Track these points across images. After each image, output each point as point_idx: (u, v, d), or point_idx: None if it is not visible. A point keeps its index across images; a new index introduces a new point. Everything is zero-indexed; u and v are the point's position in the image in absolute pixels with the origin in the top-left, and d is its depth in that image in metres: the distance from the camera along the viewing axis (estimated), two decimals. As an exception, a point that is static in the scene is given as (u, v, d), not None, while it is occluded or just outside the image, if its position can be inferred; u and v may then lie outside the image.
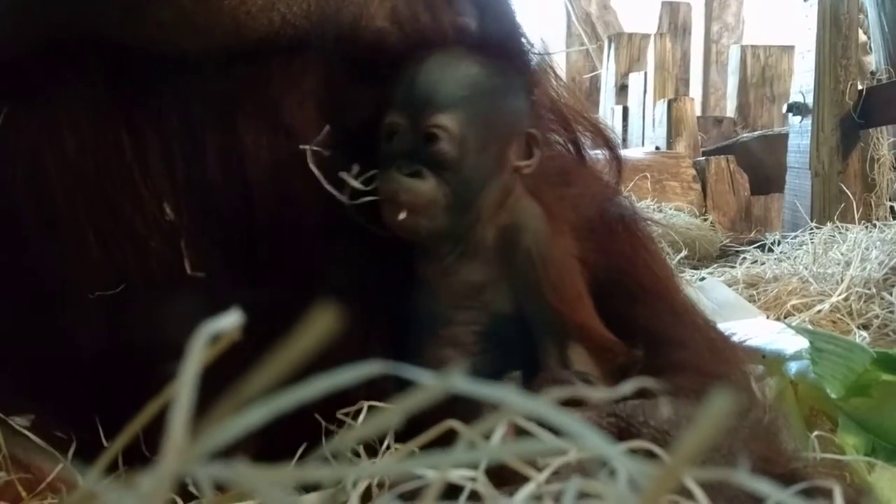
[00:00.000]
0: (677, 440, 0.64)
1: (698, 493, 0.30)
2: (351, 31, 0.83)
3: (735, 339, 1.08)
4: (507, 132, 0.87)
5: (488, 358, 0.87)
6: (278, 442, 0.81)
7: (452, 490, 0.42)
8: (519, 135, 0.88)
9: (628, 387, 0.31)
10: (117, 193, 0.81)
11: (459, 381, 0.24)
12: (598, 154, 1.07)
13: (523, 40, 1.11)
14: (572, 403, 0.73)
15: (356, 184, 0.82)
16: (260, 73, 0.82)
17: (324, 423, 0.78)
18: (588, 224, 0.94)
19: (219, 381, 0.32)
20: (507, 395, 0.26)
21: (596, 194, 0.99)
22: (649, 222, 1.08)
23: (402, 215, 0.81)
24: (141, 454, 0.76)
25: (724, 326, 1.15)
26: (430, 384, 0.24)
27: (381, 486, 0.63)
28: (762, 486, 0.25)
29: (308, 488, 0.74)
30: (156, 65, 0.78)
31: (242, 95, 0.82)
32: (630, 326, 0.89)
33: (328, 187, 0.81)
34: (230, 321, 0.27)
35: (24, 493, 0.81)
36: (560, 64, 5.69)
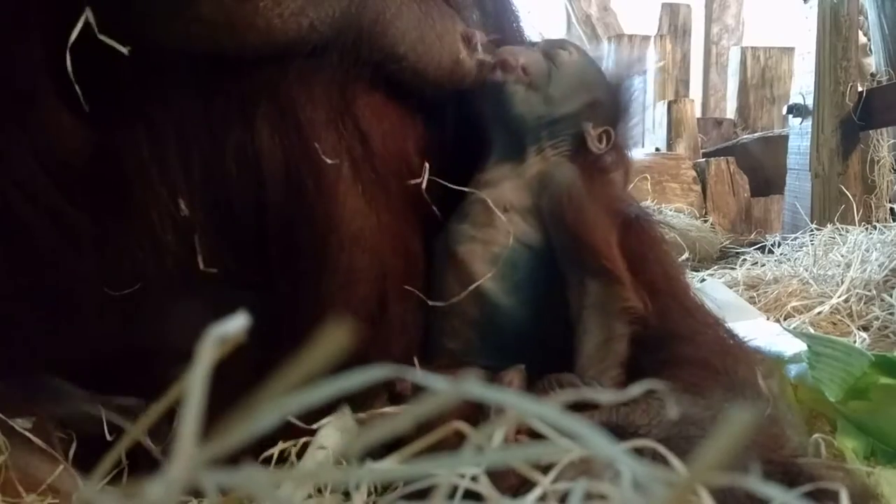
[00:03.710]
0: (691, 446, 0.65)
1: (706, 497, 0.30)
2: (368, 36, 0.86)
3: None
4: (598, 105, 1.02)
5: (504, 287, 0.93)
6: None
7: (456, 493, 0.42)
8: (602, 121, 1.02)
9: (636, 389, 0.31)
10: (134, 188, 0.82)
11: (470, 386, 0.24)
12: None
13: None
14: (580, 407, 0.75)
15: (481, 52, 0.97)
16: (279, 75, 0.84)
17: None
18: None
19: (227, 377, 0.32)
20: (513, 397, 0.26)
21: (608, 195, 1.00)
22: (660, 223, 1.10)
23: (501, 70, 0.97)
24: (144, 450, 0.76)
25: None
26: (441, 389, 0.24)
27: (386, 487, 0.63)
28: (770, 489, 0.25)
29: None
30: (180, 63, 0.79)
31: (262, 96, 0.83)
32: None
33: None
34: (237, 324, 0.27)
35: (24, 494, 0.81)
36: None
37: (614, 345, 0.87)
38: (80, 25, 0.72)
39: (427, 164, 0.95)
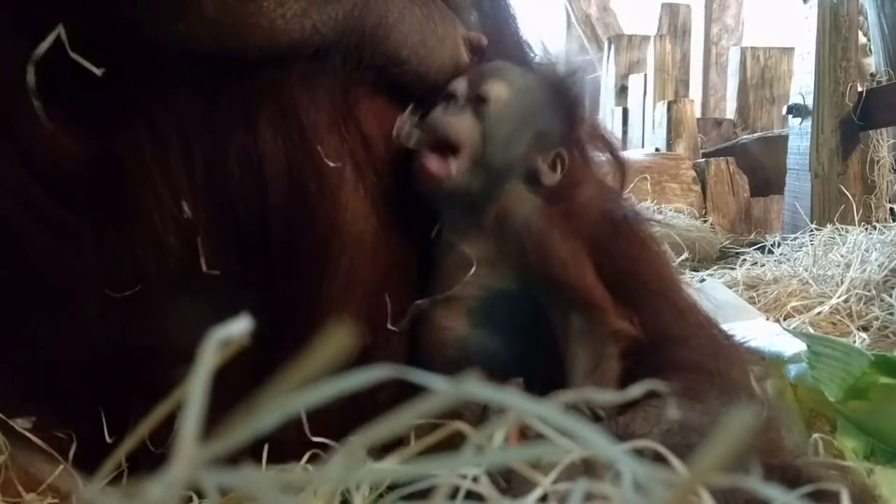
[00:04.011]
0: (693, 449, 0.65)
1: (706, 498, 0.30)
2: (371, 39, 0.86)
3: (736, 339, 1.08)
4: (543, 135, 0.94)
5: (485, 334, 0.92)
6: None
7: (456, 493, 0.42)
8: (551, 146, 0.95)
9: (636, 390, 0.31)
10: (136, 189, 0.82)
11: (471, 386, 0.24)
12: (601, 157, 1.09)
13: (525, 46, 1.12)
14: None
15: (409, 127, 0.91)
16: (282, 77, 0.84)
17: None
18: (593, 226, 0.95)
19: (226, 378, 0.32)
20: (515, 399, 0.26)
21: (600, 197, 1.00)
22: (652, 223, 1.09)
23: (434, 158, 0.89)
24: (144, 447, 0.76)
25: (723, 328, 1.15)
26: (441, 389, 0.24)
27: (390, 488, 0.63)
28: (770, 490, 0.25)
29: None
30: (182, 64, 0.79)
31: (265, 99, 0.84)
32: (634, 326, 0.91)
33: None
34: (240, 326, 0.27)
35: (24, 493, 0.82)
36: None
37: (605, 365, 0.86)
38: (49, 41, 0.73)
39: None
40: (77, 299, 0.85)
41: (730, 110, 5.56)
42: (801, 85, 3.03)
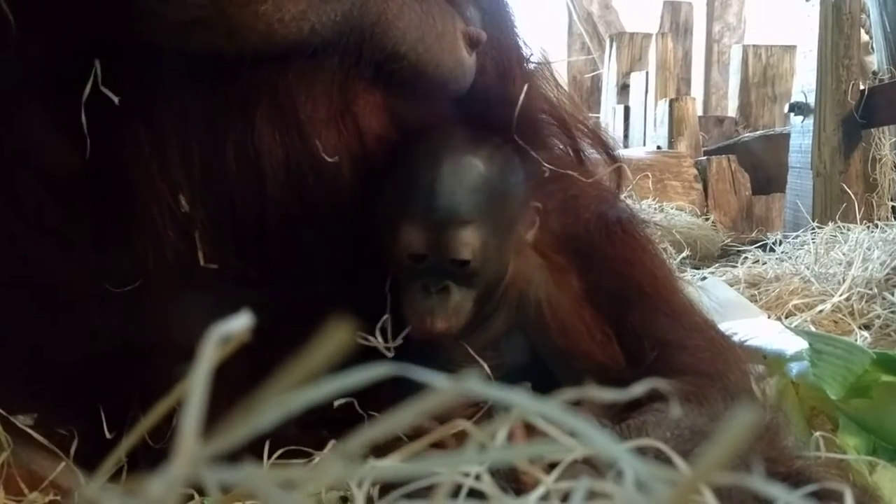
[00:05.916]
0: (695, 449, 0.64)
1: (709, 496, 0.30)
2: (370, 36, 0.86)
3: (736, 338, 1.08)
4: (518, 217, 0.91)
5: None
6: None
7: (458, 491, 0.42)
8: (526, 212, 0.92)
9: (639, 389, 0.31)
10: (135, 185, 0.83)
11: (471, 384, 0.24)
12: (599, 157, 1.08)
13: (522, 45, 1.12)
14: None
15: (387, 343, 0.86)
16: (280, 76, 0.84)
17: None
18: (586, 228, 0.95)
19: (225, 374, 0.32)
20: (518, 397, 0.26)
21: (594, 199, 1.00)
22: (649, 224, 1.09)
23: (433, 329, 0.84)
24: (143, 443, 0.76)
25: (725, 326, 1.15)
26: (443, 387, 0.24)
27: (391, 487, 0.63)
28: (773, 489, 0.25)
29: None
30: (180, 62, 0.79)
31: (262, 95, 0.84)
32: (629, 330, 0.91)
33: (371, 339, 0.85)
34: (240, 323, 0.27)
35: (27, 491, 0.82)
36: (561, 63, 5.69)
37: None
38: (90, 84, 0.75)
39: None
40: (77, 295, 0.85)
41: (731, 108, 5.56)
42: (803, 83, 3.03)
